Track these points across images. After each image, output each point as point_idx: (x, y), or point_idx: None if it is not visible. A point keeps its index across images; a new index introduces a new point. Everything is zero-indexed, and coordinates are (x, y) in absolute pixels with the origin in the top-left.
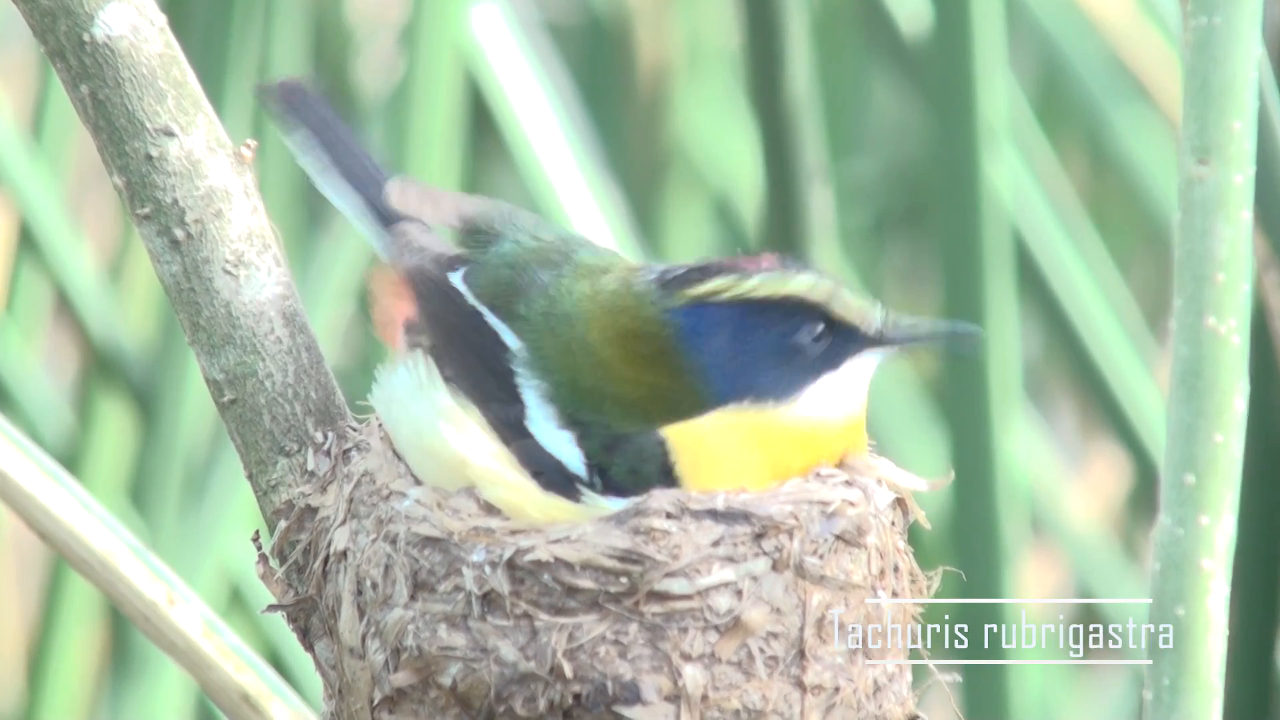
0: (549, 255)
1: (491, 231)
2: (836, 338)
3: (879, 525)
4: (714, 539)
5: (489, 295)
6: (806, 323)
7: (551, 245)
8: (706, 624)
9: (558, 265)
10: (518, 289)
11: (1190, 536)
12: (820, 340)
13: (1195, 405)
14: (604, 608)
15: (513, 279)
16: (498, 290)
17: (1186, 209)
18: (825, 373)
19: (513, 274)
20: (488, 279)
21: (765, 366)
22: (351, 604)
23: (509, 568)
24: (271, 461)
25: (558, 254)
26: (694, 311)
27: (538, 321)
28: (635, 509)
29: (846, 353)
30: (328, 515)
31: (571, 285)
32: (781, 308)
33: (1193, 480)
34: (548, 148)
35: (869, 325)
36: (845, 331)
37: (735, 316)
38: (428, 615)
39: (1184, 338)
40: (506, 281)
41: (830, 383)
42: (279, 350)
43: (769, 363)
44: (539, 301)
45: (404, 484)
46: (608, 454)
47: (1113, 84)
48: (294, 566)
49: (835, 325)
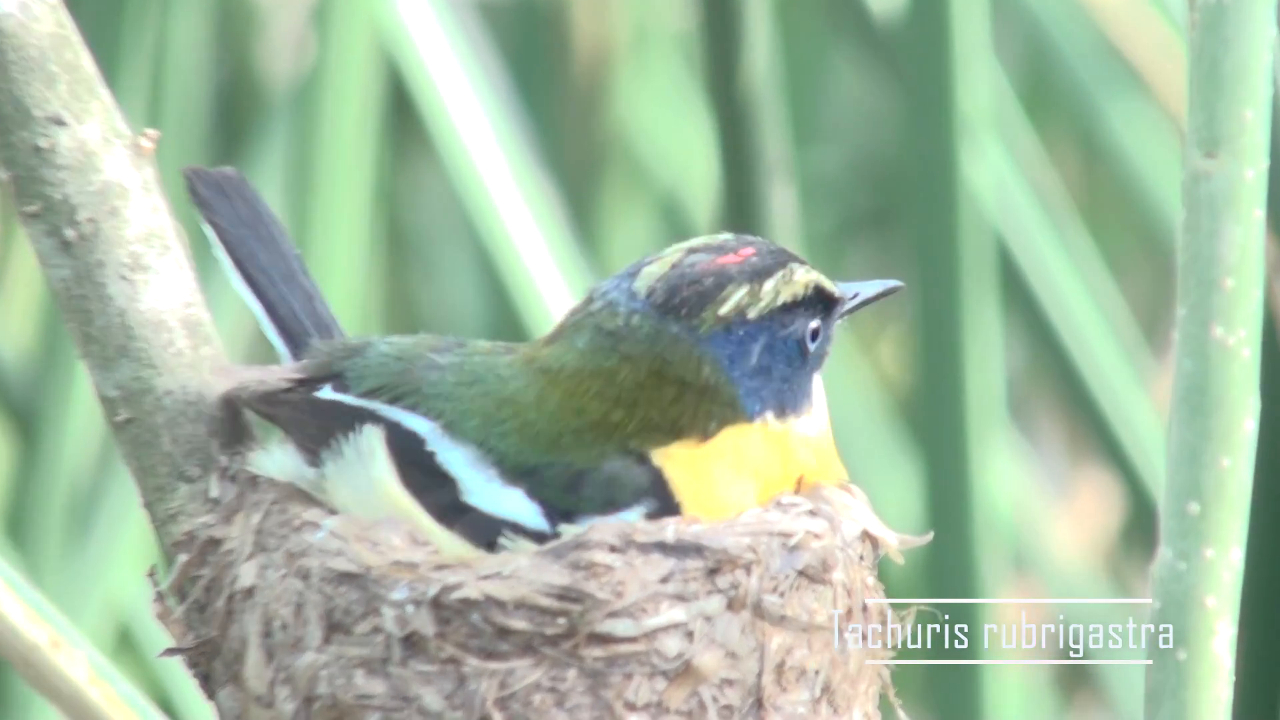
0: (436, 344)
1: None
2: (825, 327)
3: (846, 559)
4: (662, 575)
5: (380, 391)
6: (810, 319)
7: (433, 339)
8: (654, 670)
9: (450, 349)
10: (414, 376)
11: (1193, 571)
12: (820, 336)
13: (1200, 425)
14: (539, 651)
15: (406, 369)
16: (390, 382)
17: (1192, 208)
18: (817, 370)
19: (405, 364)
20: (373, 375)
21: (783, 374)
22: (259, 647)
23: (434, 607)
24: (170, 488)
25: (445, 344)
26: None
27: (452, 393)
28: (575, 541)
29: (829, 339)
30: (233, 548)
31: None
32: (796, 310)
33: (1197, 509)
34: (476, 140)
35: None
36: (830, 317)
37: (762, 330)
38: (343, 660)
39: (1188, 350)
40: (399, 372)
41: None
42: (180, 364)
43: (786, 370)
44: (447, 378)
45: (318, 513)
46: (572, 494)
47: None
48: (194, 605)
49: (824, 313)
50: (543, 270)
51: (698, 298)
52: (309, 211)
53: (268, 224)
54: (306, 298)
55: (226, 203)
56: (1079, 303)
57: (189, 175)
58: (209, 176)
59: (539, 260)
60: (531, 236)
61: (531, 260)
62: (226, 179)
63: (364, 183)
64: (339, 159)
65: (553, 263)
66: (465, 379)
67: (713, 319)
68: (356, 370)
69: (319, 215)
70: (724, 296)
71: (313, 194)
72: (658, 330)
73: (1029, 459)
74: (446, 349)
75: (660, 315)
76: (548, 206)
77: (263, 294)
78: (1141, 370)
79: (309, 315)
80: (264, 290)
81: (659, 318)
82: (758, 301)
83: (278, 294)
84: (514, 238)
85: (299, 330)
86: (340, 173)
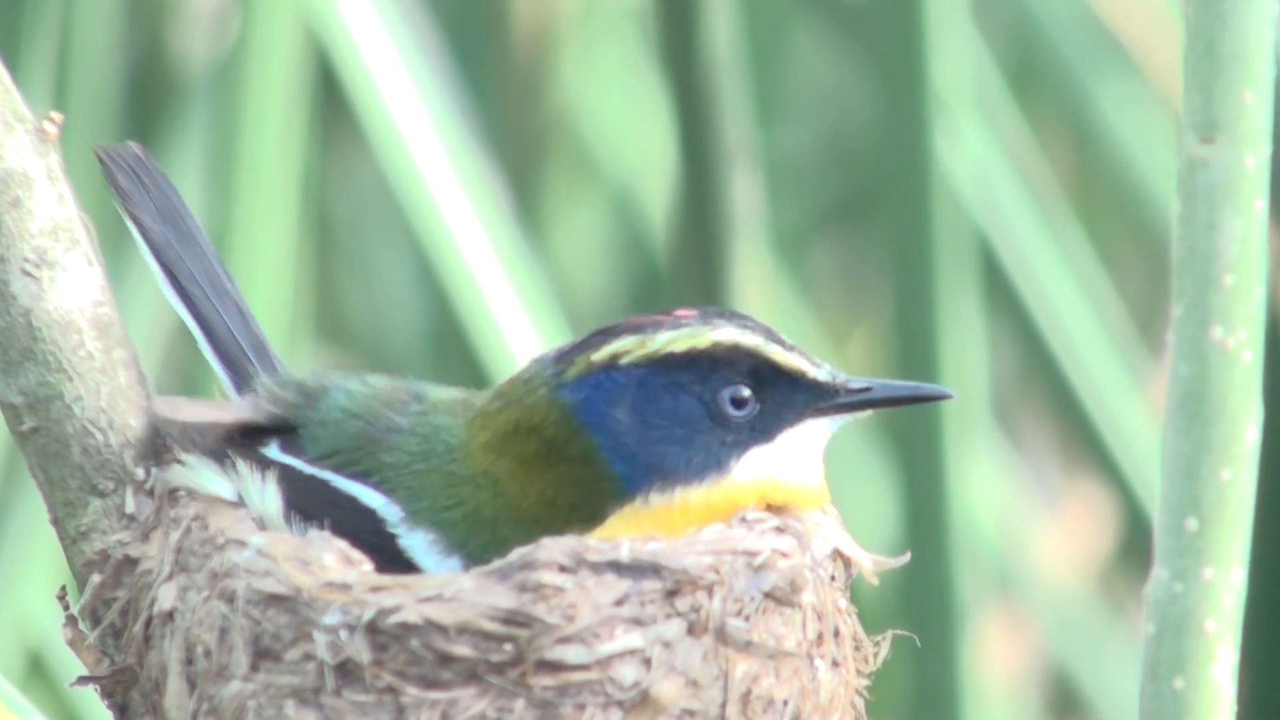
0: (394, 397)
1: (307, 391)
2: (770, 400)
3: (816, 580)
4: (617, 597)
5: (337, 459)
6: (730, 382)
7: (392, 388)
8: (608, 700)
9: (409, 405)
10: (373, 439)
11: (1191, 593)
12: (748, 405)
13: (1198, 435)
14: (484, 680)
15: (364, 430)
16: (347, 446)
17: (1188, 198)
18: (754, 445)
19: (363, 424)
20: (329, 437)
21: (676, 440)
22: (180, 676)
23: (370, 632)
24: (82, 503)
25: (404, 394)
26: (588, 383)
27: (409, 465)
28: (522, 560)
29: (783, 419)
30: (150, 568)
31: (438, 420)
32: (698, 365)
33: (1195, 525)
34: (411, 126)
35: (813, 384)
36: (781, 393)
37: (639, 380)
38: (272, 689)
39: (1184, 354)
40: (355, 434)
41: (762, 458)
42: (91, 368)
43: (680, 435)
44: (407, 443)
45: (244, 530)
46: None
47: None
48: (109, 630)
49: (768, 385)
50: (485, 269)
51: (580, 347)
52: (229, 205)
53: (184, 217)
54: (239, 314)
55: (145, 194)
56: (1068, 300)
57: (102, 156)
58: (121, 158)
59: (481, 259)
60: (473, 233)
61: (473, 258)
62: (138, 161)
63: (290, 174)
64: (262, 147)
65: (496, 261)
66: (420, 449)
67: (582, 364)
68: (310, 430)
69: (240, 210)
70: (605, 344)
71: (234, 186)
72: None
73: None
74: (405, 403)
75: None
76: (491, 199)
77: (196, 309)
78: (1136, 374)
79: (244, 335)
80: (197, 304)
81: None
82: (640, 349)
83: (211, 309)
84: (454, 234)
85: (236, 353)
86: (264, 162)
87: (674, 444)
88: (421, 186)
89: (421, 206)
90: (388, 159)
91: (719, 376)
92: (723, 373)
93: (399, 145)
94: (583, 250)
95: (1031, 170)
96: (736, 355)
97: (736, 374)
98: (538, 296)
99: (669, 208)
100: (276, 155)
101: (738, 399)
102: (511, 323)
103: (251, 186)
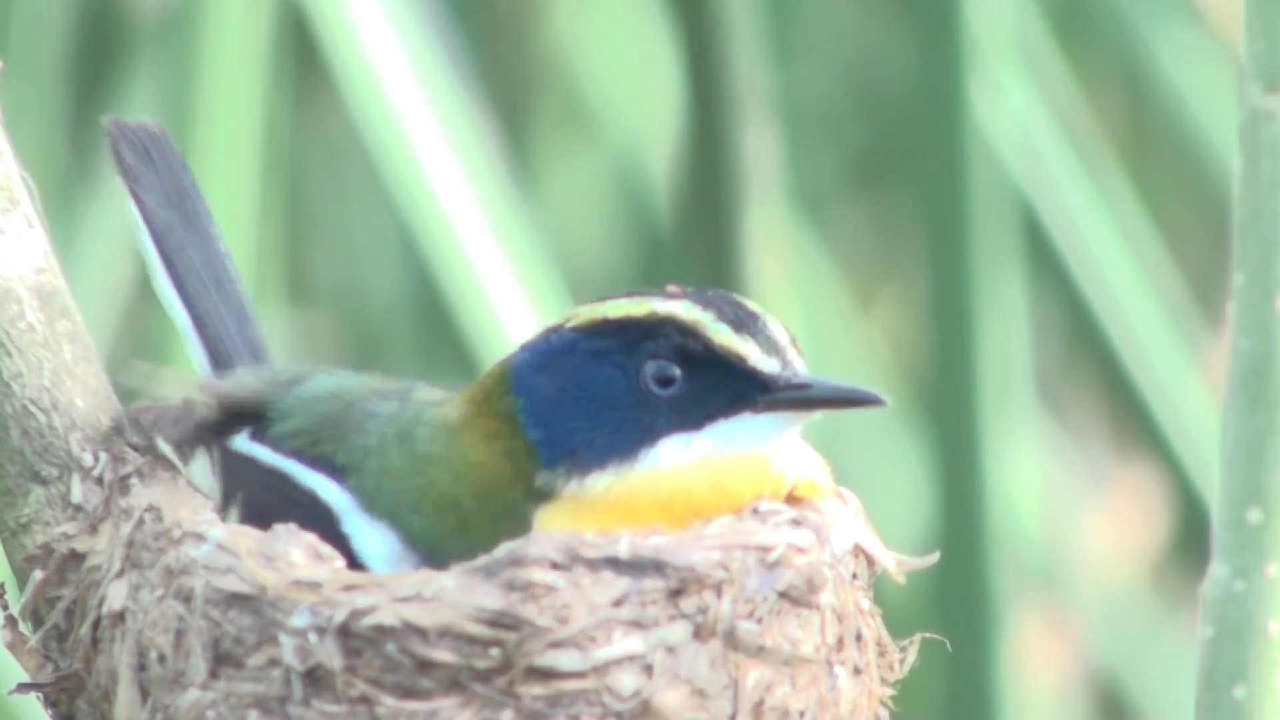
0: (381, 389)
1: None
2: (696, 383)
3: (836, 579)
4: (616, 597)
5: (303, 438)
6: (656, 356)
7: (383, 384)
8: (605, 711)
9: (394, 400)
10: (349, 422)
11: (1254, 592)
12: (674, 384)
13: (1262, 417)
14: (468, 689)
15: (343, 411)
16: (316, 425)
17: (1251, 155)
18: (679, 431)
19: (343, 405)
20: (302, 413)
21: (586, 413)
22: (131, 683)
23: (341, 635)
24: (22, 491)
25: (394, 390)
26: (532, 346)
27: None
28: (510, 556)
29: (712, 406)
30: (99, 564)
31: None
32: (627, 334)
33: (1258, 517)
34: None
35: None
36: (710, 376)
37: (569, 345)
38: (233, 699)
39: (1246, 327)
40: (331, 414)
41: (685, 447)
42: (32, 341)
43: (591, 409)
44: (382, 429)
45: (202, 522)
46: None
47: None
48: (53, 632)
49: (699, 366)
50: (471, 230)
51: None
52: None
53: (195, 204)
54: (240, 313)
55: (154, 174)
56: (1118, 267)
57: (111, 129)
58: (132, 134)
59: (467, 218)
60: (458, 189)
61: (458, 218)
62: (151, 139)
63: (252, 129)
64: (220, 97)
65: (484, 221)
66: (394, 433)
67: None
68: (284, 406)
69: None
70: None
71: (188, 139)
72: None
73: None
74: (392, 396)
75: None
76: (479, 151)
77: (192, 303)
78: (1193, 348)
79: (242, 338)
80: (194, 298)
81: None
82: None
83: (208, 305)
84: (437, 191)
85: (228, 356)
86: (221, 113)
87: (584, 417)
88: (399, 136)
89: (399, 160)
90: (360, 104)
91: (646, 349)
92: (651, 345)
93: (373, 88)
94: (579, 210)
95: (1078, 124)
96: (669, 328)
97: (666, 349)
98: (531, 260)
99: (675, 162)
100: (236, 106)
101: (663, 376)
102: (500, 288)
103: (208, 139)
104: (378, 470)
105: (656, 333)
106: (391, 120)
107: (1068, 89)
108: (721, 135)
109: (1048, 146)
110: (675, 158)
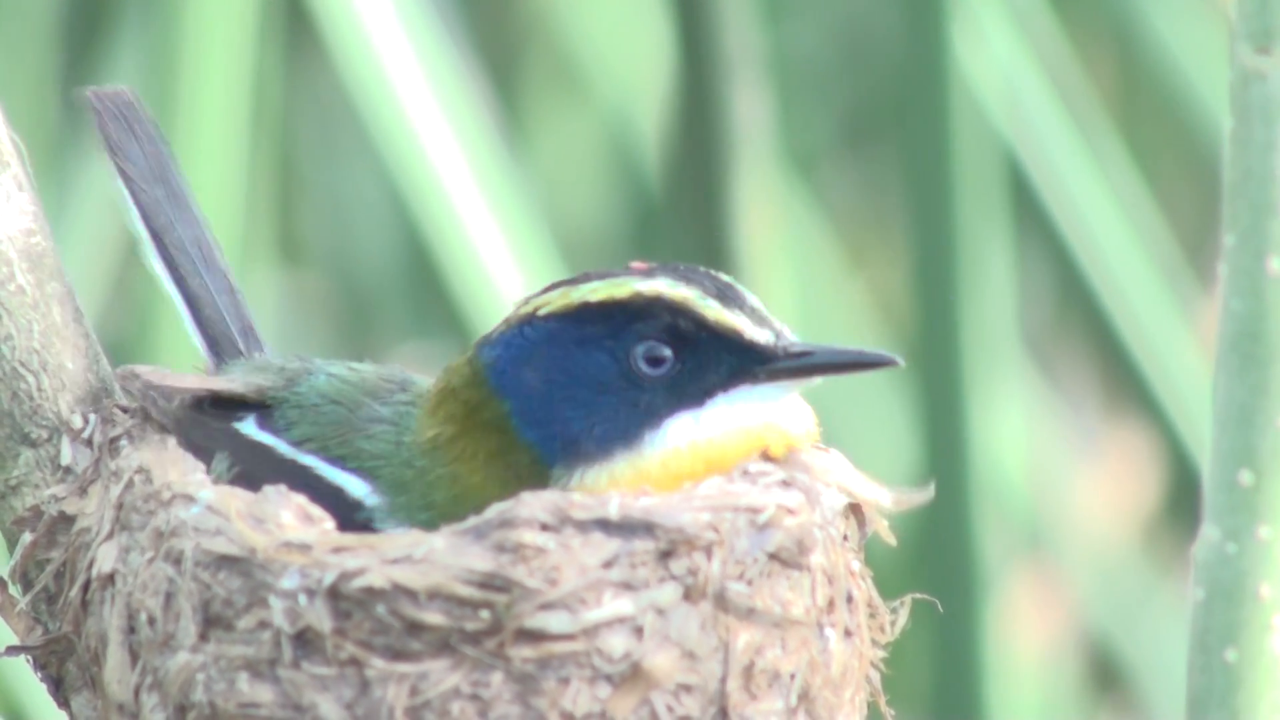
0: (378, 386)
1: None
2: (692, 360)
3: (826, 540)
4: (605, 559)
5: (317, 439)
6: (646, 337)
7: (377, 376)
8: (595, 673)
9: (393, 394)
10: (354, 426)
11: (1245, 554)
12: (666, 363)
13: (1253, 378)
14: (458, 651)
15: (346, 416)
16: (328, 431)
17: (1242, 116)
18: (681, 410)
19: (345, 410)
20: (311, 420)
21: (581, 402)
22: (121, 645)
23: (331, 597)
24: (11, 453)
25: (389, 383)
26: (503, 340)
27: (392, 456)
28: (500, 518)
29: (711, 381)
30: (88, 526)
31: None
32: (613, 317)
33: (1249, 479)
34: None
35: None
36: (707, 352)
37: (550, 335)
38: (223, 661)
39: (1237, 287)
40: (339, 420)
41: (691, 424)
42: (21, 304)
43: (585, 396)
44: (387, 434)
45: (192, 484)
46: None
47: None
48: (43, 595)
49: (692, 343)
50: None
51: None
52: (170, 119)
53: (174, 175)
54: (228, 290)
55: (136, 146)
56: (1107, 225)
57: (92, 99)
58: (112, 104)
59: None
60: (447, 148)
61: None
62: (128, 107)
63: (242, 89)
64: (210, 58)
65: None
66: (399, 441)
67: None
68: (289, 411)
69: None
70: (542, 296)
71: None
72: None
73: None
74: (390, 392)
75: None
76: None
77: (184, 282)
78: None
79: (234, 315)
80: (185, 277)
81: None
82: (561, 300)
83: (200, 284)
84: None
85: (222, 334)
86: (212, 75)
87: (579, 406)
88: (389, 97)
89: (389, 121)
90: (350, 64)
91: (635, 330)
92: (640, 327)
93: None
94: (569, 170)
95: (1068, 83)
96: (657, 308)
97: (655, 329)
98: (521, 221)
99: (665, 122)
100: (225, 66)
101: (654, 357)
102: (490, 249)
103: (198, 99)
104: (392, 480)
105: (645, 314)
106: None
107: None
108: (712, 95)
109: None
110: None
